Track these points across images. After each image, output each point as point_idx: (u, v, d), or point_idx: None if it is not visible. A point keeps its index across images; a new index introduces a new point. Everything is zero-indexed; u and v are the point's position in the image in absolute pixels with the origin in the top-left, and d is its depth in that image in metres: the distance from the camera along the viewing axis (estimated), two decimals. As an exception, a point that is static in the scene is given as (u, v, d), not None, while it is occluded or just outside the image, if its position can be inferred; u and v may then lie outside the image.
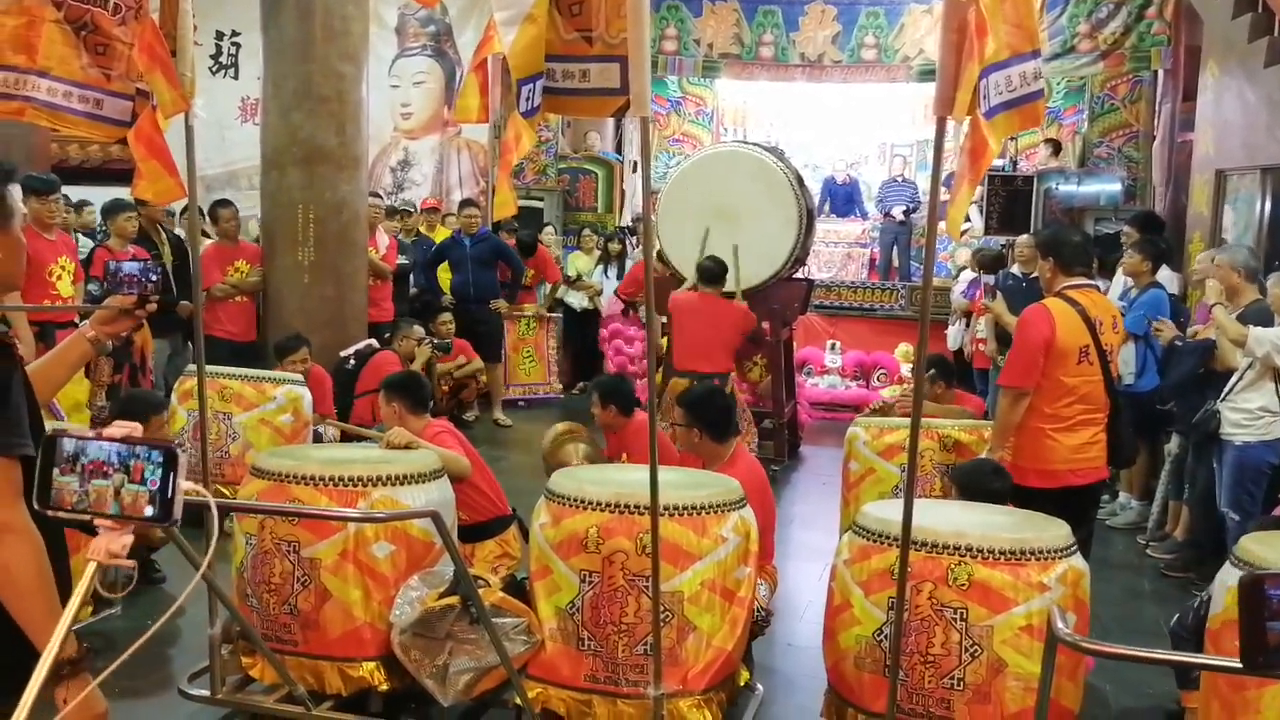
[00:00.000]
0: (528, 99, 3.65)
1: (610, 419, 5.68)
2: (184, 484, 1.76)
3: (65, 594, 2.18)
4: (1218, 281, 6.37)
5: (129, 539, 1.83)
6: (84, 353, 2.80)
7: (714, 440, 4.85)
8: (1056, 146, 12.62)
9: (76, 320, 7.22)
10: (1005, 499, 4.41)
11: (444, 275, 10.65)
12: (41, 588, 2.16)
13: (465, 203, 11.26)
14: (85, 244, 9.16)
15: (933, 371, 6.69)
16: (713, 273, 8.48)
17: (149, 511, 1.76)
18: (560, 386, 11.93)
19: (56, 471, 1.79)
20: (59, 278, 7.15)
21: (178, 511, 1.76)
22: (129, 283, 2.93)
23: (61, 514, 1.81)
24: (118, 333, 2.90)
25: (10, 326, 6.65)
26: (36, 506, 1.87)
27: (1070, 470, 4.84)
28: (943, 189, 4.03)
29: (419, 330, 9.10)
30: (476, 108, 3.85)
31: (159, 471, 1.75)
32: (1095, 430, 4.88)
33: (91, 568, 1.81)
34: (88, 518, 1.80)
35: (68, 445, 1.80)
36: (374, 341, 8.57)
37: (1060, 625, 2.56)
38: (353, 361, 8.27)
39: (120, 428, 1.79)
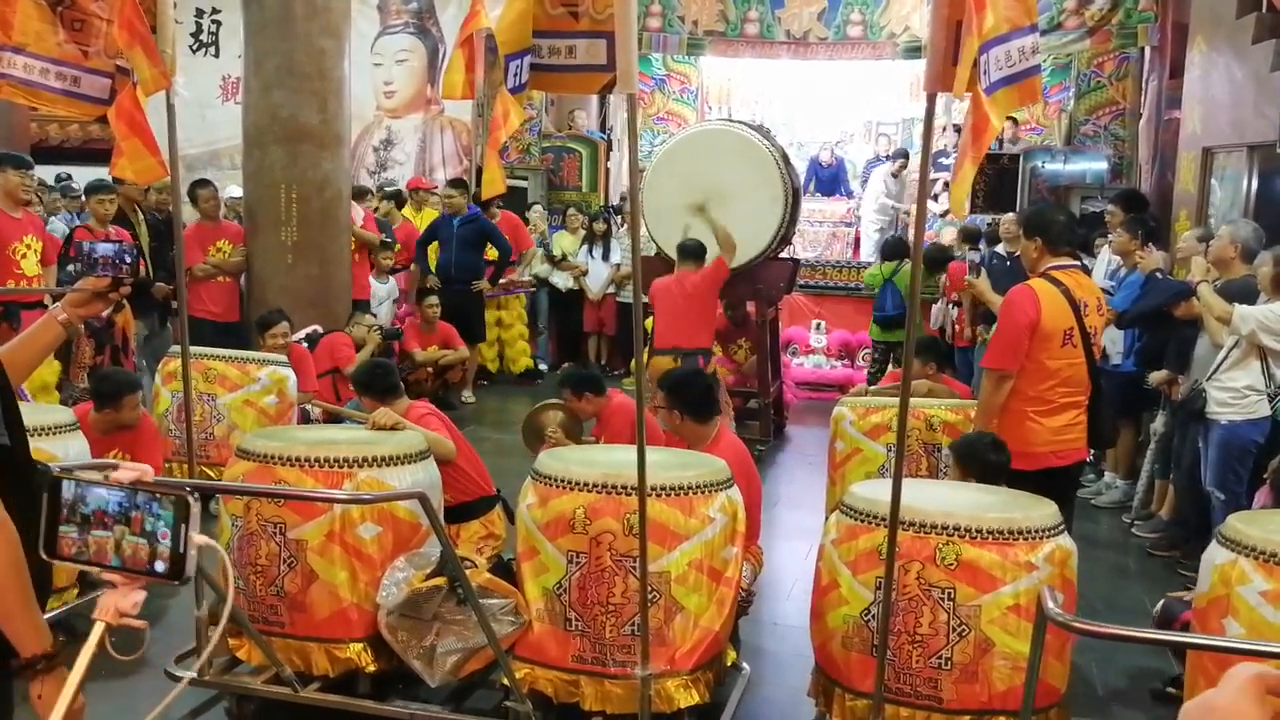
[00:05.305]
0: (515, 75, 3.61)
1: (590, 405, 5.67)
2: (197, 537, 1.59)
3: (39, 586, 2.13)
4: (1211, 253, 6.33)
5: (141, 596, 1.66)
6: (56, 335, 2.73)
7: (695, 421, 4.84)
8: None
9: (46, 302, 7.14)
10: (1003, 472, 4.39)
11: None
12: (16, 581, 2.06)
13: (451, 183, 11.18)
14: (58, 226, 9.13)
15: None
16: (690, 250, 8.47)
17: (159, 568, 1.60)
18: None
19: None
20: (24, 256, 7.06)
21: (190, 568, 1.60)
22: (103, 264, 2.87)
23: (66, 563, 1.66)
24: (90, 315, 2.86)
25: None
26: (44, 555, 1.74)
27: (1052, 452, 4.80)
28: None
29: (369, 319, 9.13)
30: (462, 84, 3.81)
31: (161, 524, 1.59)
32: (1076, 412, 4.85)
33: (99, 629, 1.65)
34: (94, 568, 1.63)
35: (67, 490, 1.65)
36: (318, 328, 8.46)
37: (1051, 605, 2.55)
38: (305, 344, 8.22)
39: (129, 470, 1.63)
